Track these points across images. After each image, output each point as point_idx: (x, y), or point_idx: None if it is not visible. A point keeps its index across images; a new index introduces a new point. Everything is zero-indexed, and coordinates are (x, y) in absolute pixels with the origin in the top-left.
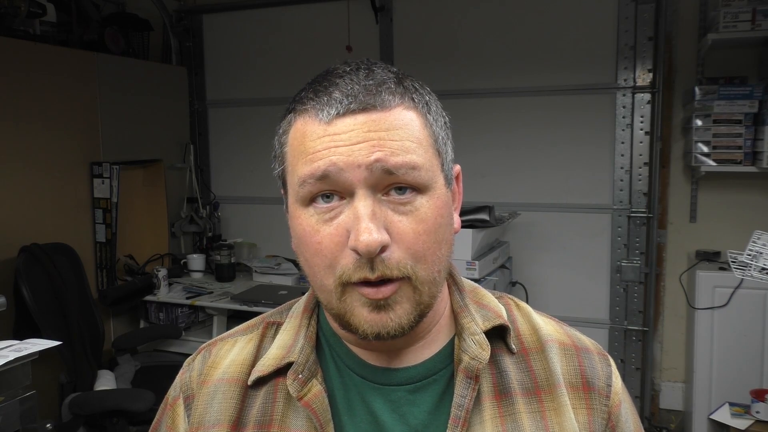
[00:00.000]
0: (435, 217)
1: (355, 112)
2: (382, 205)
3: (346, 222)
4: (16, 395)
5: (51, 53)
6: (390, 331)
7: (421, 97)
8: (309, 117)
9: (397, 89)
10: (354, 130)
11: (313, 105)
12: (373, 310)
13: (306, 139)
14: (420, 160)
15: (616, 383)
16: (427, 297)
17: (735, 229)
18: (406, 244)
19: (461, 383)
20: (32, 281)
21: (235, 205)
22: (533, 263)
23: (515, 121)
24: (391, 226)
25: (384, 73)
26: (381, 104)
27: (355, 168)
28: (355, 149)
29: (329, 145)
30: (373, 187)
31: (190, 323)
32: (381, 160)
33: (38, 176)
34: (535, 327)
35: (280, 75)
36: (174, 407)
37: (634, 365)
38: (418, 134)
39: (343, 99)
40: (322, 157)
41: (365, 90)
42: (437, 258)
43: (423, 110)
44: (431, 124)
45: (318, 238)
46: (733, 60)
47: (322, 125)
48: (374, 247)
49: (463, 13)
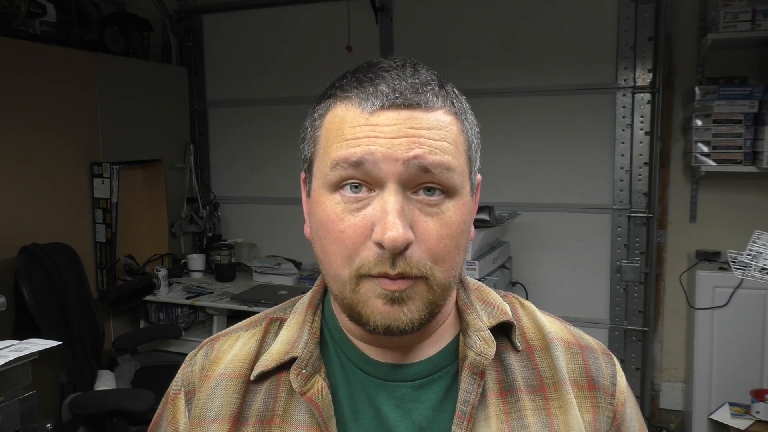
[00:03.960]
0: (459, 223)
1: (399, 107)
2: (410, 203)
3: (372, 215)
4: (16, 395)
5: (51, 53)
6: (401, 326)
7: (461, 103)
8: (351, 104)
9: (440, 92)
10: (396, 124)
11: (358, 93)
12: (387, 302)
13: (345, 125)
14: (455, 162)
15: (621, 382)
16: (439, 299)
17: (735, 229)
18: (429, 245)
19: (466, 379)
20: (32, 281)
21: (235, 205)
22: (533, 263)
23: (515, 122)
24: (416, 225)
25: (428, 74)
26: (425, 103)
27: (392, 161)
28: (395, 143)
29: (369, 134)
30: (405, 183)
31: (190, 323)
32: (419, 157)
33: (38, 176)
34: (540, 325)
35: (281, 75)
36: (175, 401)
37: (634, 365)
38: (455, 138)
39: (389, 93)
40: (360, 144)
41: (411, 87)
42: (454, 263)
43: (462, 116)
44: (467, 131)
45: (342, 227)
46: (733, 60)
47: (364, 114)
48: (400, 243)
49: (463, 13)
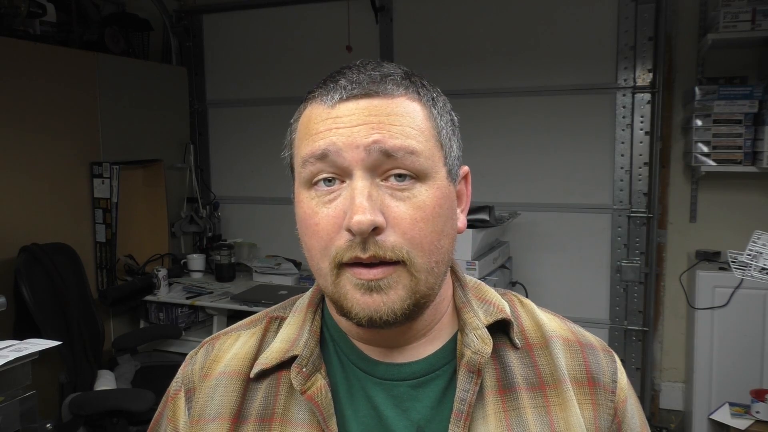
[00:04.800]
0: (433, 207)
1: (357, 97)
2: (380, 189)
3: (343, 204)
4: (16, 395)
5: (51, 53)
6: (382, 316)
7: (428, 92)
8: (316, 102)
9: (403, 82)
10: (355, 113)
11: (321, 92)
12: (365, 292)
13: (311, 123)
14: (419, 146)
15: (622, 379)
16: (423, 286)
17: (735, 229)
18: (402, 229)
19: (463, 377)
20: (32, 281)
21: (235, 205)
22: (533, 263)
23: (515, 122)
24: (387, 210)
25: (392, 68)
26: (384, 92)
27: (353, 148)
28: (354, 131)
29: (330, 126)
30: (372, 169)
31: (190, 323)
32: (379, 142)
33: (38, 176)
34: (539, 323)
35: (281, 75)
36: (175, 400)
37: (634, 365)
38: (420, 124)
39: (347, 85)
40: (323, 137)
41: (369, 78)
42: (435, 248)
43: (428, 103)
44: (435, 117)
45: (316, 219)
46: (733, 60)
47: (326, 109)
48: (366, 225)
49: (463, 13)
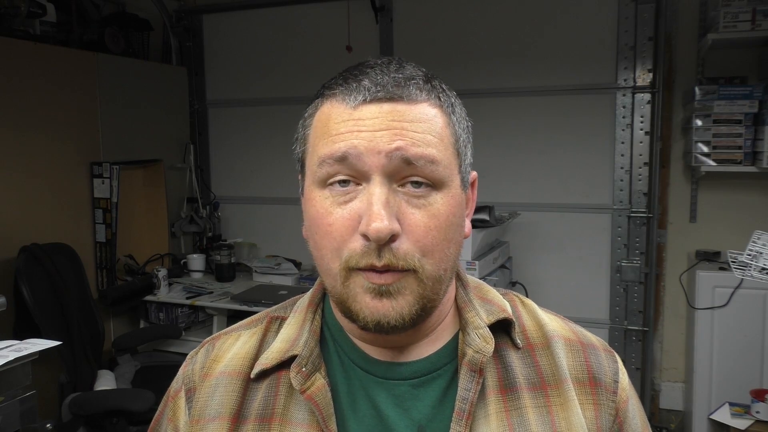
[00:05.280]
0: (447, 215)
1: (381, 100)
2: (396, 195)
3: (359, 207)
4: (16, 395)
5: (51, 53)
6: (390, 321)
7: (447, 98)
8: (336, 101)
9: (425, 86)
10: (378, 117)
11: (342, 90)
12: (375, 296)
13: (330, 122)
14: (439, 155)
15: (623, 379)
16: (431, 292)
17: (735, 229)
18: (416, 237)
19: (465, 377)
20: (32, 281)
21: (235, 205)
22: (533, 263)
23: (515, 122)
24: (403, 217)
25: (414, 69)
26: (407, 96)
27: (374, 154)
28: (377, 135)
29: (352, 128)
30: (390, 175)
31: (190, 323)
32: (401, 149)
33: (38, 176)
34: (541, 323)
35: (281, 75)
36: (175, 400)
37: (634, 365)
38: (440, 131)
39: (371, 87)
40: (344, 139)
41: (393, 81)
42: (445, 255)
43: (448, 110)
44: (454, 124)
45: (330, 220)
46: (733, 60)
47: (348, 110)
48: (384, 233)
49: (463, 13)
